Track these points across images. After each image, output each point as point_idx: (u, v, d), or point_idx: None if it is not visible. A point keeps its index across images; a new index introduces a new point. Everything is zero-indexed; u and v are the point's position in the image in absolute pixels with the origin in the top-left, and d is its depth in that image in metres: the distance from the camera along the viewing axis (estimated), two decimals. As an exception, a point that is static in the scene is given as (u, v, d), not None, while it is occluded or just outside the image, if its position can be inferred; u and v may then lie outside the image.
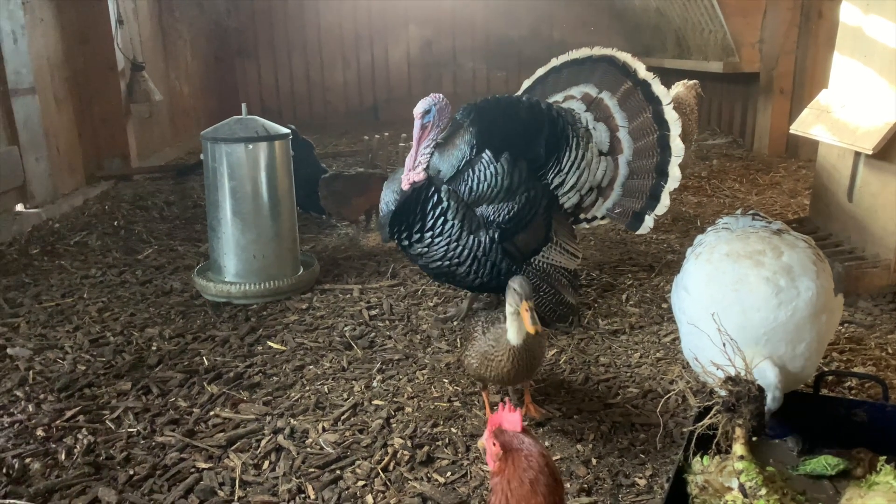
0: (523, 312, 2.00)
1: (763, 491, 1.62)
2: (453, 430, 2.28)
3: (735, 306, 1.89)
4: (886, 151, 3.11)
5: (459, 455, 2.15)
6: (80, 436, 2.26)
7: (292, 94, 9.91)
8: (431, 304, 3.32)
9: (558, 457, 2.12)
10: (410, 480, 2.03)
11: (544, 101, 3.08)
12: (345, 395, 2.52)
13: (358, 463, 2.12)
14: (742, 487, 1.64)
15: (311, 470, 2.09)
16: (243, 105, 3.57)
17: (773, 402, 1.76)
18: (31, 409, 2.42)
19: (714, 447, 1.78)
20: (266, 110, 9.53)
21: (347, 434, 2.27)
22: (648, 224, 3.02)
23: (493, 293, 3.09)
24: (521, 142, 2.87)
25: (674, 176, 2.97)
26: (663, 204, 2.99)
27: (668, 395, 2.41)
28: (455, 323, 3.07)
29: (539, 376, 2.59)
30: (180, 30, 8.00)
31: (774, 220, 2.23)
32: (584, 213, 3.10)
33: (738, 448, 1.72)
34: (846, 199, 3.52)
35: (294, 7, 9.63)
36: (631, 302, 3.27)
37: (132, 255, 4.13)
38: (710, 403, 1.80)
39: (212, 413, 2.42)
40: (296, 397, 2.51)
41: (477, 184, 2.72)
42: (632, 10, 8.88)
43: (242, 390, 2.57)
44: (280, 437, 2.26)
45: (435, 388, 2.55)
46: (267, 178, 3.38)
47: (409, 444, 2.20)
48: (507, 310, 2.07)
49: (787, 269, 1.91)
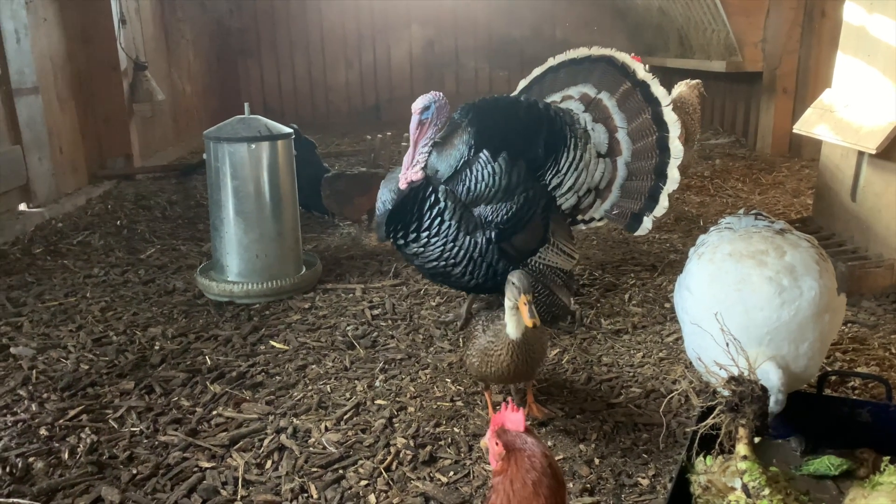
0: (521, 306, 2.00)
1: (766, 491, 1.61)
2: (456, 429, 2.28)
3: (738, 306, 1.88)
4: (890, 151, 3.10)
5: (462, 455, 2.15)
6: (83, 435, 2.26)
7: (295, 94, 9.92)
8: (434, 304, 3.32)
9: (561, 456, 2.12)
10: (413, 480, 2.03)
11: (542, 101, 3.05)
12: (347, 395, 2.52)
13: (360, 462, 2.12)
14: (745, 487, 1.63)
15: (314, 469, 2.09)
16: (246, 105, 3.57)
17: (776, 404, 1.75)
18: (34, 409, 2.42)
19: (717, 447, 1.77)
20: (268, 110, 9.55)
21: (350, 433, 2.28)
22: (647, 226, 2.99)
23: (489, 294, 3.08)
24: (519, 142, 2.84)
25: (673, 178, 2.94)
26: (662, 206, 2.96)
27: (671, 394, 2.41)
28: (458, 325, 3.06)
29: (541, 376, 2.59)
30: (183, 29, 8.01)
31: (777, 220, 2.22)
32: (581, 215, 3.08)
33: (741, 448, 1.72)
34: (849, 198, 3.51)
35: (296, 7, 9.63)
36: (634, 302, 3.27)
37: (135, 254, 4.14)
38: (714, 403, 1.80)
39: (214, 412, 2.42)
40: (298, 397, 2.52)
41: (475, 184, 2.71)
42: (634, 9, 8.87)
43: (245, 390, 2.57)
44: (283, 437, 2.26)
45: (437, 387, 2.55)
46: (269, 178, 3.38)
47: (411, 443, 2.20)
48: (506, 304, 2.07)
49: (789, 268, 1.91)
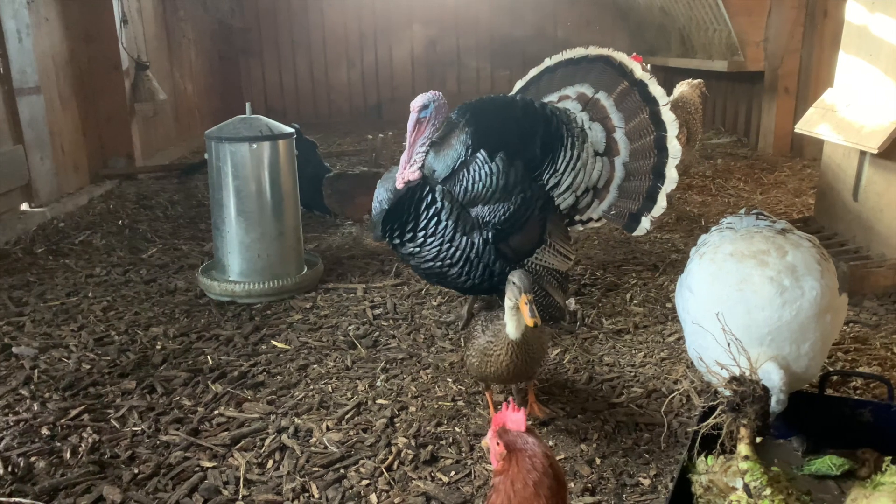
0: (522, 306, 2.00)
1: (768, 491, 1.61)
2: (457, 429, 2.28)
3: (739, 306, 1.88)
4: (892, 150, 3.09)
5: (463, 454, 2.15)
6: (84, 434, 2.27)
7: (296, 94, 9.92)
8: (435, 304, 3.32)
9: (562, 456, 2.12)
10: (414, 480, 2.03)
11: (538, 101, 3.04)
12: (349, 395, 2.52)
13: (362, 462, 2.12)
14: (747, 487, 1.63)
15: (315, 469, 2.09)
16: (247, 104, 3.58)
17: (778, 405, 1.75)
18: (36, 408, 2.43)
19: (718, 447, 1.77)
20: (270, 109, 9.56)
21: (351, 433, 2.28)
22: (645, 226, 2.97)
23: (485, 295, 3.07)
24: (516, 142, 2.84)
25: (671, 178, 2.93)
26: (660, 206, 2.95)
27: (673, 394, 2.41)
28: (459, 325, 3.06)
29: (543, 376, 2.58)
30: (185, 29, 8.01)
31: (779, 220, 2.22)
32: (579, 215, 3.07)
33: (742, 448, 1.72)
34: (851, 198, 3.51)
35: (298, 6, 9.64)
36: (635, 301, 3.27)
37: (136, 254, 4.14)
38: (715, 403, 1.80)
39: (216, 412, 2.42)
40: (300, 396, 2.52)
41: (472, 184, 2.70)
42: (636, 8, 8.86)
43: (247, 389, 2.57)
44: (284, 436, 2.26)
45: (439, 387, 2.55)
46: (271, 178, 3.38)
47: (412, 443, 2.20)
48: (507, 304, 2.07)
49: (791, 268, 1.91)
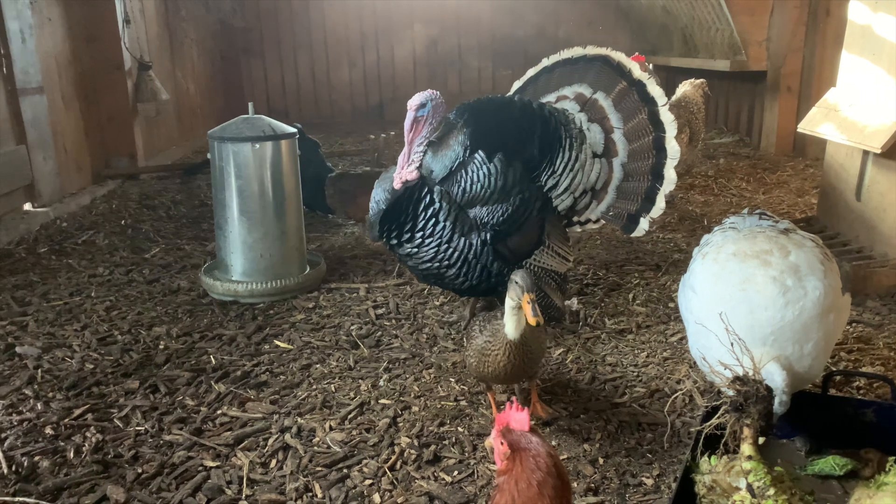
0: (525, 305, 2.00)
1: (771, 491, 1.61)
2: (460, 429, 2.28)
3: (742, 306, 1.88)
4: (895, 150, 3.09)
5: (466, 454, 2.15)
6: (88, 434, 2.27)
7: (298, 94, 9.93)
8: (437, 304, 3.33)
9: (565, 456, 2.12)
10: (417, 479, 2.04)
11: (536, 101, 3.02)
12: (351, 394, 2.52)
13: (365, 462, 2.12)
14: (750, 487, 1.63)
15: (318, 469, 2.10)
16: (250, 104, 3.58)
17: (781, 406, 1.75)
18: (39, 408, 2.43)
19: (722, 447, 1.77)
20: (272, 109, 9.57)
21: (354, 433, 2.28)
22: (643, 227, 2.96)
23: (483, 296, 3.06)
24: (515, 142, 2.83)
25: (669, 178, 2.92)
26: (658, 207, 2.93)
27: (676, 394, 2.41)
28: (461, 325, 3.06)
29: (545, 375, 2.59)
30: (187, 29, 8.02)
31: (781, 220, 2.21)
32: (577, 216, 3.05)
33: (746, 448, 1.72)
34: (854, 198, 3.50)
35: (300, 6, 9.64)
36: (638, 301, 3.27)
37: (139, 253, 4.15)
38: (718, 403, 1.80)
39: (219, 412, 2.42)
40: (303, 396, 2.52)
41: (470, 185, 2.69)
42: (638, 8, 8.86)
43: (250, 389, 2.57)
44: (287, 436, 2.26)
45: (441, 387, 2.55)
46: (273, 177, 3.39)
47: (415, 443, 2.20)
48: (508, 304, 2.06)
49: (794, 268, 1.91)
